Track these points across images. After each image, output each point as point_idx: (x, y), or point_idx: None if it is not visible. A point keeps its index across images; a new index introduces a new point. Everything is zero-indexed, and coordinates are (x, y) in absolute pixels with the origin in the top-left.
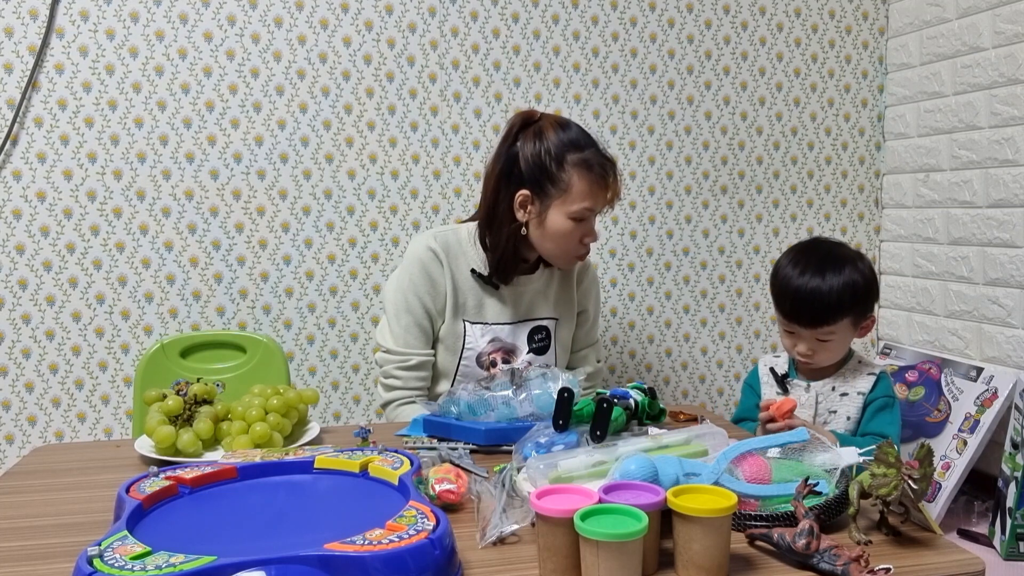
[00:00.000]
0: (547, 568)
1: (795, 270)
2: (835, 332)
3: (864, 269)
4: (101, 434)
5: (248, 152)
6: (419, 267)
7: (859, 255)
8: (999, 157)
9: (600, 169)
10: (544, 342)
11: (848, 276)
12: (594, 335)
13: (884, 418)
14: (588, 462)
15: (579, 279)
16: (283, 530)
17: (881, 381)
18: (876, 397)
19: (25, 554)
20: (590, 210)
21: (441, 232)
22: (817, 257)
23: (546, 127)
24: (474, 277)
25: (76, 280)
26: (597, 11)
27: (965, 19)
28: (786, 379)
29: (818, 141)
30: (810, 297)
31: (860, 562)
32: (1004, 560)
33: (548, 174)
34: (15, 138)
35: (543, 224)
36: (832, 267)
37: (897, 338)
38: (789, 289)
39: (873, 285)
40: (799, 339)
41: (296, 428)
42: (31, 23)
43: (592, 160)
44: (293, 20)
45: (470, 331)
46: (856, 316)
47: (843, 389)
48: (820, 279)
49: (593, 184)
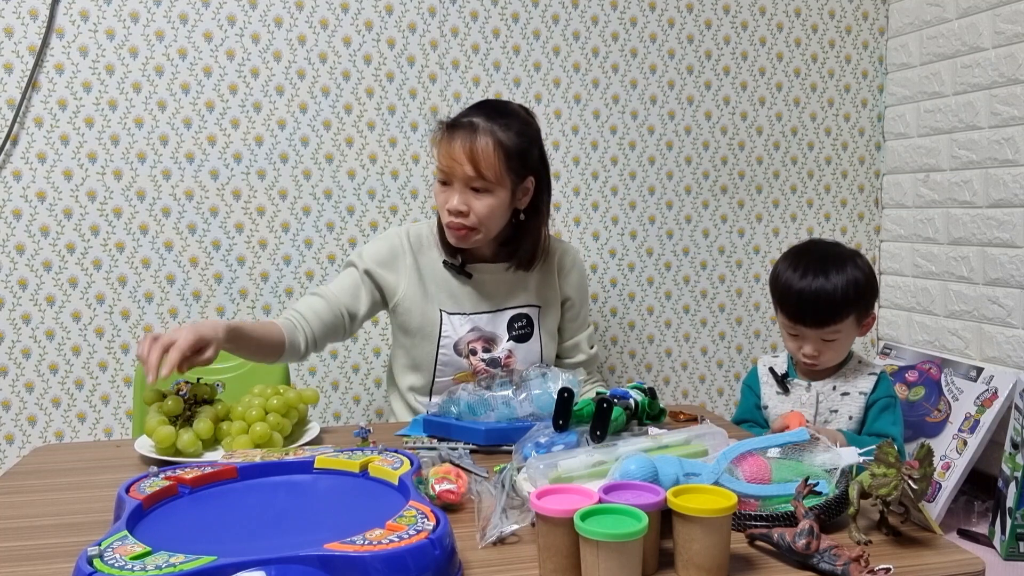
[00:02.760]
0: (547, 568)
1: (796, 272)
2: (840, 331)
3: (863, 266)
4: (101, 434)
5: (248, 152)
6: (384, 246)
7: (856, 253)
8: (999, 157)
9: (453, 131)
10: (525, 330)
11: (850, 274)
12: (583, 322)
13: (888, 418)
14: (588, 462)
15: (560, 266)
16: (283, 530)
17: (882, 381)
18: (879, 397)
19: (25, 554)
20: (442, 171)
21: (414, 226)
22: (816, 258)
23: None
24: (446, 268)
25: (76, 280)
26: (597, 11)
27: (965, 19)
28: (786, 379)
29: (818, 141)
30: (815, 297)
31: (860, 562)
32: (1004, 560)
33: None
34: (15, 138)
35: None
36: (833, 266)
37: (897, 338)
38: (792, 291)
39: (873, 282)
40: (804, 341)
41: (296, 428)
42: (31, 23)
43: (452, 122)
44: (293, 20)
45: (447, 321)
46: (859, 313)
47: (844, 388)
48: (824, 279)
49: (443, 144)
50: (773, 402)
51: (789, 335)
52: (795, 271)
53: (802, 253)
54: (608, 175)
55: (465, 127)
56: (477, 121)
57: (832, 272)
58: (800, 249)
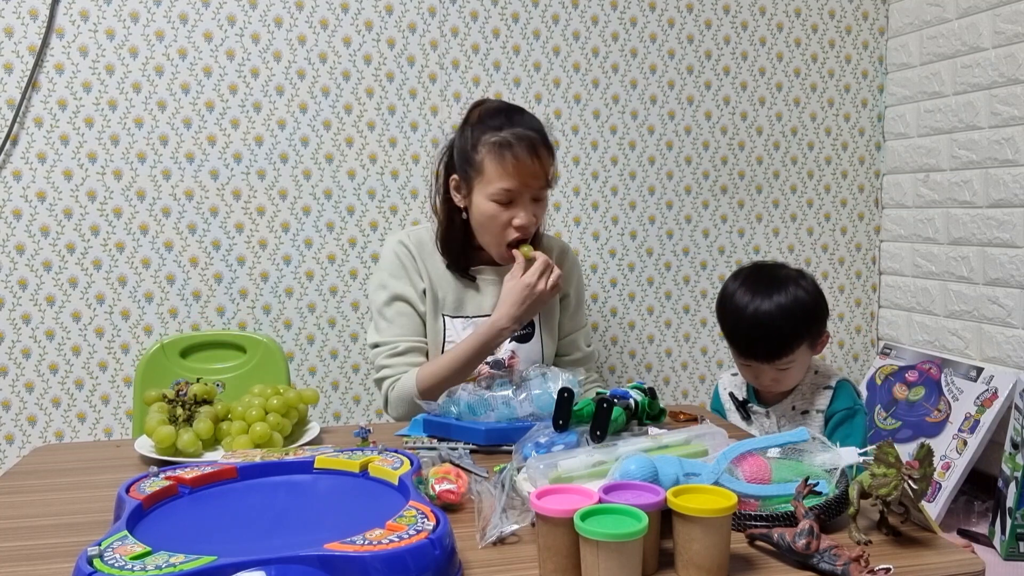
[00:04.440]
0: (547, 568)
1: (742, 302)
2: (794, 360)
3: (808, 287)
4: (101, 434)
5: (248, 152)
6: (394, 261)
7: (800, 273)
8: (999, 157)
9: (511, 148)
10: (526, 330)
11: (794, 298)
12: (580, 320)
13: (843, 431)
14: (588, 462)
15: (558, 264)
16: (283, 530)
17: (839, 392)
18: (835, 411)
19: (25, 554)
20: (507, 191)
21: (414, 230)
22: (762, 284)
23: (474, 111)
24: (450, 271)
25: (76, 280)
26: (597, 11)
27: (965, 19)
28: (747, 405)
29: (818, 141)
30: (764, 333)
31: (860, 562)
32: (1004, 560)
33: (467, 158)
34: (15, 138)
35: (472, 209)
36: (777, 291)
37: (897, 338)
38: (741, 327)
39: (821, 301)
40: (759, 372)
41: (296, 428)
42: (31, 23)
43: (504, 140)
44: (293, 20)
45: (450, 325)
46: (812, 338)
47: (803, 407)
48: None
49: (506, 164)
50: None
51: (742, 366)
52: (740, 300)
53: (747, 280)
54: (608, 175)
55: (526, 140)
56: (528, 132)
57: (777, 297)
58: (745, 275)
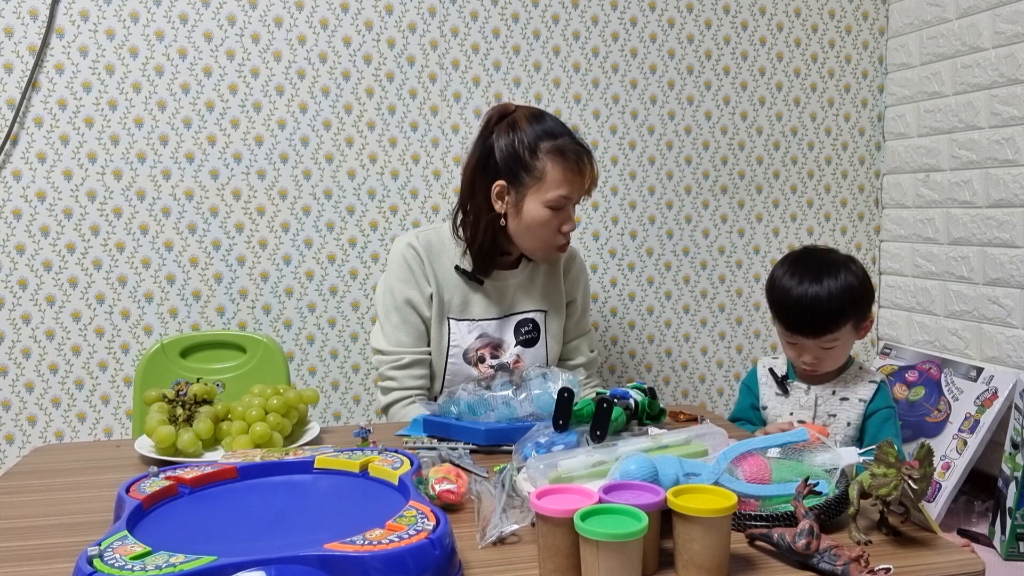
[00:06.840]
0: (547, 568)
1: (792, 281)
2: (839, 338)
3: (858, 271)
4: (101, 434)
5: (248, 152)
6: (403, 264)
7: (850, 258)
8: (999, 157)
9: (574, 156)
10: (532, 334)
11: (845, 280)
12: (585, 325)
13: (890, 429)
14: (588, 462)
15: (566, 269)
16: (283, 530)
17: (882, 390)
18: (880, 407)
19: (25, 554)
20: (566, 198)
21: (423, 232)
22: (812, 266)
23: (520, 118)
24: (458, 273)
25: (76, 280)
26: (597, 11)
27: (965, 19)
28: (786, 380)
29: (818, 141)
30: (811, 307)
31: (860, 562)
32: (1004, 560)
33: (523, 163)
34: (15, 138)
35: (520, 214)
36: (828, 274)
37: (897, 338)
38: (789, 302)
39: (868, 285)
40: (803, 350)
41: (296, 428)
42: (31, 23)
43: (566, 147)
44: (293, 20)
45: (456, 328)
46: (857, 319)
47: (844, 394)
48: (818, 287)
49: (568, 171)
50: (772, 403)
51: (787, 343)
52: (791, 280)
53: (797, 261)
54: (608, 175)
55: (576, 150)
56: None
57: (827, 280)
58: (795, 257)
